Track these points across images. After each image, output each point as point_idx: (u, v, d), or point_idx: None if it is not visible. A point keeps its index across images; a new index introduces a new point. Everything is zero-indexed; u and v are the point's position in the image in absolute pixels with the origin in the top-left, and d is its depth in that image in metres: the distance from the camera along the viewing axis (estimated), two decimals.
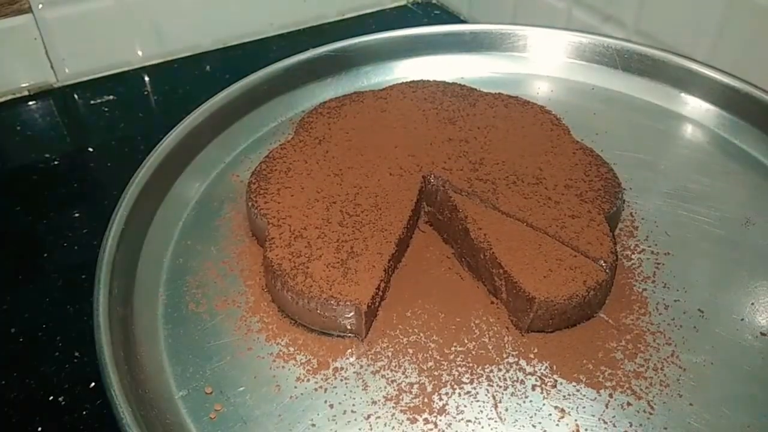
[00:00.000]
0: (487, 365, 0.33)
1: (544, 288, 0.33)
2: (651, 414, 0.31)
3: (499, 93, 0.48)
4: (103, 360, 0.30)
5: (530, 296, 0.33)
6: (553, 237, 0.36)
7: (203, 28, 0.69)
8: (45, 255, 0.46)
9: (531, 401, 0.31)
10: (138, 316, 0.35)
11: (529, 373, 0.32)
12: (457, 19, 0.74)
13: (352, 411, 0.31)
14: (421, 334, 0.34)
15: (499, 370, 0.33)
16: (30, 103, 0.63)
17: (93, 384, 0.36)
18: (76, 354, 0.38)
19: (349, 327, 0.34)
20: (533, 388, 0.32)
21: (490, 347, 0.34)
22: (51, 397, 0.36)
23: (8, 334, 0.39)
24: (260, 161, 0.42)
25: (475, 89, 0.49)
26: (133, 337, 0.34)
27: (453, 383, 0.32)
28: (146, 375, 0.32)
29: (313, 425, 0.31)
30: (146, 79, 0.66)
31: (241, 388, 0.32)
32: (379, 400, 0.31)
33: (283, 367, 0.33)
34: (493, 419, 0.31)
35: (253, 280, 0.38)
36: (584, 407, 0.31)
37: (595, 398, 0.31)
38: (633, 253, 0.39)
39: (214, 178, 0.45)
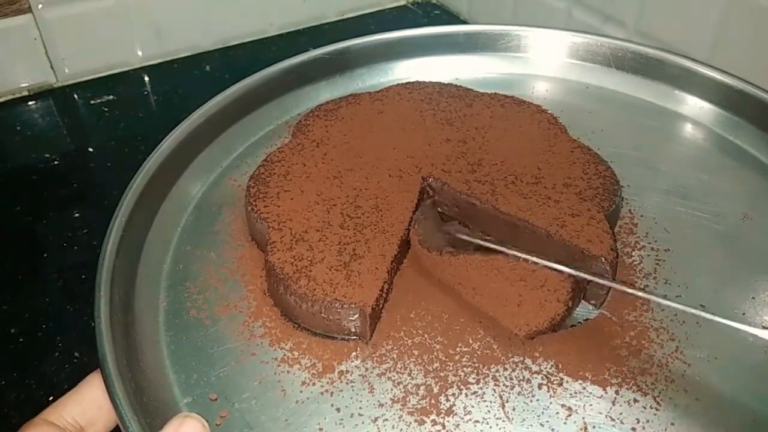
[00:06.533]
0: (493, 365, 0.33)
1: (524, 321, 0.33)
2: (658, 410, 0.31)
3: (495, 93, 0.48)
4: (107, 368, 0.29)
5: (513, 332, 0.33)
6: (554, 236, 0.36)
7: (203, 28, 0.69)
8: (45, 255, 0.46)
9: (538, 400, 0.31)
10: (139, 323, 0.35)
11: (535, 372, 0.32)
12: (456, 19, 0.74)
13: (360, 414, 0.31)
14: (426, 335, 0.34)
15: (505, 369, 0.33)
16: (30, 103, 0.63)
17: None
18: (76, 354, 0.38)
19: (353, 329, 0.34)
20: (540, 386, 0.32)
21: (495, 347, 0.34)
22: (51, 397, 0.36)
23: (8, 334, 0.39)
24: (259, 165, 0.42)
25: (471, 90, 0.49)
26: (136, 344, 0.33)
27: (459, 384, 0.32)
28: (149, 383, 0.32)
29: (321, 429, 0.30)
30: (146, 79, 0.66)
31: (246, 394, 0.32)
32: (386, 403, 0.31)
33: (287, 371, 0.33)
34: (500, 419, 0.31)
35: (254, 284, 0.37)
36: (591, 405, 0.31)
37: (602, 395, 0.31)
38: (633, 250, 0.39)
39: (211, 182, 0.45)
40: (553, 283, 0.34)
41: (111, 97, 0.63)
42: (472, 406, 0.31)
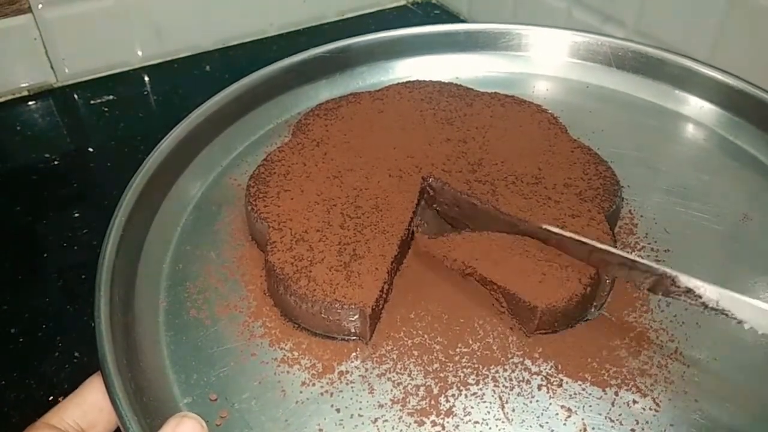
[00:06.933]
0: (493, 366, 0.33)
1: (543, 294, 0.33)
2: (657, 411, 0.31)
3: (496, 92, 0.48)
4: (107, 369, 0.29)
5: (532, 306, 0.33)
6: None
7: (203, 28, 0.70)
8: (45, 255, 0.46)
9: (537, 401, 0.31)
10: (139, 323, 0.35)
11: (535, 373, 0.32)
12: (456, 19, 0.74)
13: (359, 415, 0.31)
14: (426, 336, 0.34)
15: (505, 370, 0.33)
16: (30, 103, 0.63)
17: None
18: (76, 354, 0.38)
19: (353, 330, 0.34)
20: (539, 387, 0.32)
21: (495, 348, 0.34)
22: (51, 397, 0.36)
23: (8, 334, 0.39)
24: (259, 164, 0.42)
25: (471, 89, 0.49)
26: (136, 344, 0.33)
27: (459, 385, 0.32)
28: (149, 383, 0.32)
29: (321, 430, 0.30)
30: (146, 79, 0.66)
31: (246, 394, 0.32)
32: (385, 404, 0.31)
33: (287, 371, 0.33)
34: (500, 420, 0.31)
35: (254, 284, 0.37)
36: (590, 406, 0.31)
37: (601, 396, 0.31)
38: (633, 251, 0.39)
39: (211, 181, 0.45)
40: (578, 265, 0.34)
41: (111, 97, 0.63)
42: (472, 407, 0.31)
